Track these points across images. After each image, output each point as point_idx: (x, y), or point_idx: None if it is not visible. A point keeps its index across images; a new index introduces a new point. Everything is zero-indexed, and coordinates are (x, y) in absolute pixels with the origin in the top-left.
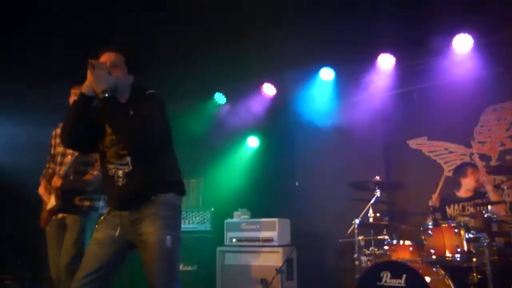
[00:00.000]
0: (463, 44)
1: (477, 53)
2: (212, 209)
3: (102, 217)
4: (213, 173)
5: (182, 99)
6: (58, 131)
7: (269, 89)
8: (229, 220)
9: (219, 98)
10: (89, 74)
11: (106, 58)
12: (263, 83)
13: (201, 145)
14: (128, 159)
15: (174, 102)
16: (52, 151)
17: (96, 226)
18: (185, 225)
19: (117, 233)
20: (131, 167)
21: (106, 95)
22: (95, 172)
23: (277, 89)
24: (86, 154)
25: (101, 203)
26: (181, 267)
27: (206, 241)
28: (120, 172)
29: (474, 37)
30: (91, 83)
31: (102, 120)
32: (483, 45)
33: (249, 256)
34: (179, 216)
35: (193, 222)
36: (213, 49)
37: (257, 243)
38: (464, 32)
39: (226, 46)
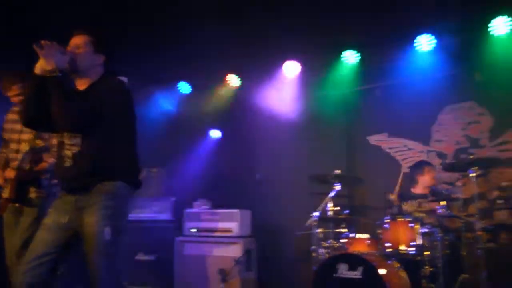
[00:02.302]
0: (425, 44)
1: (439, 53)
2: (173, 199)
3: (54, 203)
4: (175, 162)
5: (146, 87)
6: (10, 116)
7: (234, 80)
8: (189, 210)
9: (184, 87)
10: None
11: (73, 41)
12: (227, 74)
13: (164, 134)
14: (79, 140)
15: (137, 90)
16: (6, 137)
17: (48, 211)
18: (145, 214)
19: (65, 220)
20: (79, 148)
21: (56, 74)
22: (51, 159)
23: (242, 81)
24: (45, 132)
25: (56, 189)
26: (139, 256)
27: (165, 231)
28: (69, 153)
29: (436, 38)
30: (42, 64)
31: None
32: (444, 46)
33: (208, 246)
34: (125, 206)
35: (153, 211)
36: (178, 37)
37: (216, 234)
38: (427, 33)
39: (191, 35)
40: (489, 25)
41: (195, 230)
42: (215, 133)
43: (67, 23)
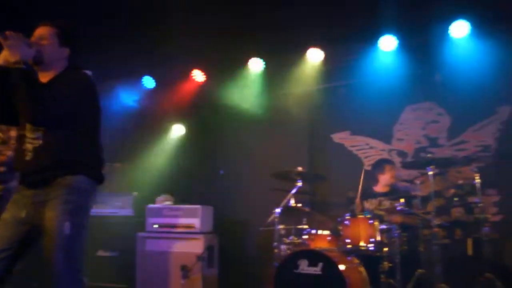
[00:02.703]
0: (388, 44)
1: (401, 53)
2: (135, 194)
3: (13, 197)
4: (139, 158)
5: (110, 81)
6: None
7: (198, 76)
8: (151, 205)
9: (148, 82)
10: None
11: (38, 32)
12: (192, 69)
13: (128, 129)
14: (41, 133)
15: (101, 84)
16: None
17: (7, 206)
18: (107, 210)
19: (23, 215)
20: (41, 142)
21: (20, 66)
22: (9, 152)
23: (207, 76)
24: (6, 125)
25: (14, 183)
26: (100, 253)
27: (127, 227)
28: (31, 146)
29: (399, 38)
30: (5, 55)
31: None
32: (406, 47)
33: (170, 242)
34: (87, 201)
35: (115, 206)
36: (142, 31)
37: (178, 230)
38: (389, 33)
39: (157, 29)
40: (449, 28)
41: (157, 226)
42: (179, 129)
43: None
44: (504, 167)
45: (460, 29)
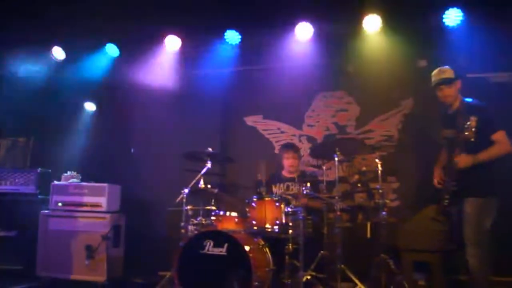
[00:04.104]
0: (304, 32)
1: (316, 43)
2: (39, 170)
3: None
4: (45, 132)
5: (19, 50)
6: None
7: (112, 50)
8: (56, 182)
9: (58, 53)
10: None
11: None
12: (105, 44)
13: (34, 102)
14: None
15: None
16: None
17: None
18: (7, 187)
19: None
20: None
21: None
22: None
23: (120, 51)
24: None
25: None
26: None
27: (30, 205)
28: None
29: (314, 27)
30: None
31: None
32: (321, 36)
33: (75, 221)
34: None
35: (16, 183)
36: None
37: (84, 208)
38: (305, 21)
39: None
40: (363, 21)
41: (61, 204)
42: (90, 105)
43: None
44: (403, 156)
45: (372, 24)
